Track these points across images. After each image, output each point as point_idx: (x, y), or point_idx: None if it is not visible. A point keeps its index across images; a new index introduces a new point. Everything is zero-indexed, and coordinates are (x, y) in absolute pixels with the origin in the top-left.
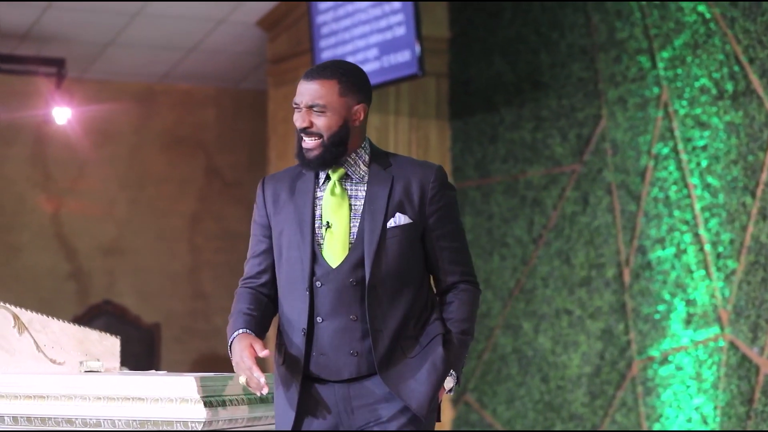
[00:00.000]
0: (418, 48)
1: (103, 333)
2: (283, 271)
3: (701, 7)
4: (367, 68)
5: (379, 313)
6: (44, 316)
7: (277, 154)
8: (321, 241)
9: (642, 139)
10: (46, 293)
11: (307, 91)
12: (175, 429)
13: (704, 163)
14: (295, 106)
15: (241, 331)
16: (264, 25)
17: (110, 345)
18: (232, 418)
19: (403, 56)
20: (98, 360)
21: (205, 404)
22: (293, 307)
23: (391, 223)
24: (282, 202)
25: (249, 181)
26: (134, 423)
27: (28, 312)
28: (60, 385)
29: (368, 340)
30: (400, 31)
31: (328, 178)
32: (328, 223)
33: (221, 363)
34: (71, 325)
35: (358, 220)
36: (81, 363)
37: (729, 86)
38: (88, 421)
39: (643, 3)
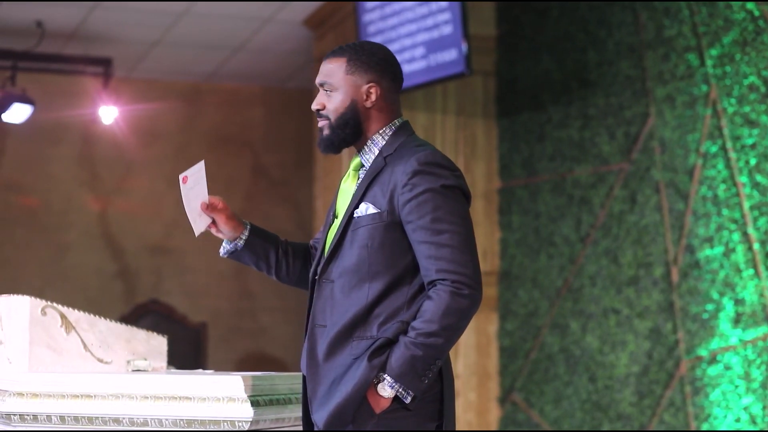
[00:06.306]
0: (465, 46)
1: (150, 332)
2: None
3: (750, 5)
4: (413, 67)
5: (328, 308)
6: (91, 315)
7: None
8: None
9: (690, 137)
10: (93, 292)
11: (321, 70)
12: (222, 428)
13: (753, 162)
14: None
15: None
16: (310, 23)
17: (157, 344)
18: (278, 418)
19: (450, 55)
20: (145, 359)
21: (252, 403)
22: None
23: (357, 213)
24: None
25: (296, 180)
26: (181, 422)
27: (76, 311)
28: (107, 384)
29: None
30: (447, 29)
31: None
32: (335, 216)
33: (268, 362)
34: (118, 324)
35: None
36: (128, 362)
37: None
38: (135, 420)
39: (692, 1)
